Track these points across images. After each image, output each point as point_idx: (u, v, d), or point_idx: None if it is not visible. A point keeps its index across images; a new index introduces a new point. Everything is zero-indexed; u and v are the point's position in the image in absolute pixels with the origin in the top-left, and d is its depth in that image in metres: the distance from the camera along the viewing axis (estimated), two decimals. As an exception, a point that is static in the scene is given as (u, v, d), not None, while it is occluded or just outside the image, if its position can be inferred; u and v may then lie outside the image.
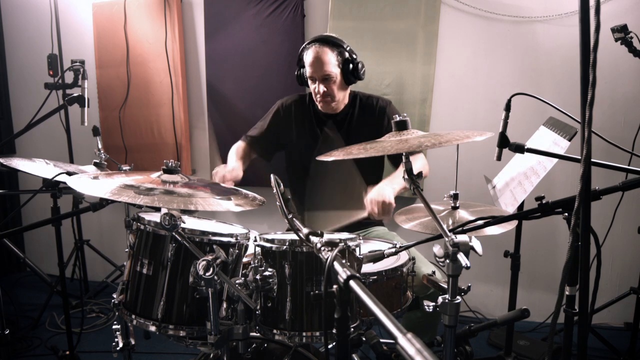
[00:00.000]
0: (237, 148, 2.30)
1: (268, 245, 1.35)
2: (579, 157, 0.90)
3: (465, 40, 2.81)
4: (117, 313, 1.46)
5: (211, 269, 1.20)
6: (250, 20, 3.01)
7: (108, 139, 3.34)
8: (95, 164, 2.19)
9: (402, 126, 1.36)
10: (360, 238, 1.41)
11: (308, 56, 2.11)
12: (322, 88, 2.10)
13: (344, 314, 0.95)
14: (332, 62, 2.08)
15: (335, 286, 0.93)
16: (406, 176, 1.31)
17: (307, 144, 2.25)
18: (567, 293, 1.36)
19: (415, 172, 1.26)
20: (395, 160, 2.32)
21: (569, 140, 1.69)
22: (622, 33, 2.13)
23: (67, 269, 2.88)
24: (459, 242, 1.07)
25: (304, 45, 2.17)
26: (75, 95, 2.20)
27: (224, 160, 2.26)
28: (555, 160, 1.72)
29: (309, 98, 2.31)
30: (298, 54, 2.19)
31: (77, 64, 2.30)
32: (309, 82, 2.17)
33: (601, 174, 1.37)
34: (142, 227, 1.40)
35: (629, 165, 1.51)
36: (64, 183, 1.84)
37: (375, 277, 1.45)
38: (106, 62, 3.33)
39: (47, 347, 2.63)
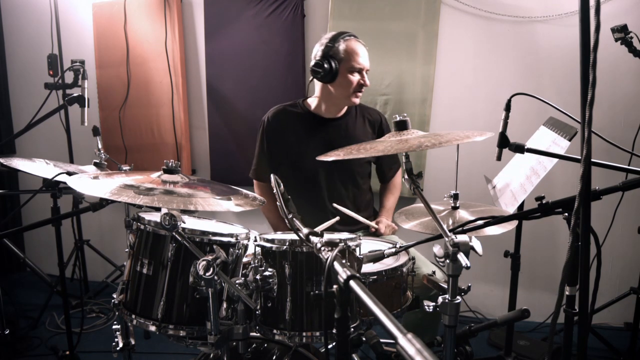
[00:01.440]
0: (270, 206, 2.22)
1: (268, 245, 1.35)
2: (579, 157, 0.90)
3: (465, 40, 2.81)
4: (117, 313, 1.46)
5: (211, 269, 1.20)
6: (250, 20, 3.01)
7: (108, 139, 3.34)
8: (95, 164, 2.19)
9: (402, 126, 1.36)
10: (360, 238, 1.41)
11: (354, 48, 2.07)
12: (367, 79, 2.12)
13: (344, 314, 0.95)
14: None
15: (335, 286, 0.93)
16: (406, 176, 1.31)
17: (313, 149, 2.11)
18: (567, 293, 1.36)
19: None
20: (382, 175, 2.43)
21: (569, 140, 1.69)
22: (622, 33, 2.13)
23: (67, 269, 2.88)
24: (459, 242, 1.07)
25: (335, 37, 2.07)
26: (75, 95, 2.20)
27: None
28: (555, 160, 1.71)
29: (302, 104, 2.25)
30: (327, 46, 2.06)
31: (77, 64, 2.30)
32: (351, 73, 2.08)
33: (601, 174, 1.37)
34: (142, 227, 1.40)
35: (629, 165, 1.51)
36: (64, 183, 1.84)
37: (375, 277, 1.45)
38: (106, 62, 3.33)
39: (47, 347, 2.63)
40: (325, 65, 2.05)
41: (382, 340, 1.18)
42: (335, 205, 2.04)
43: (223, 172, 3.24)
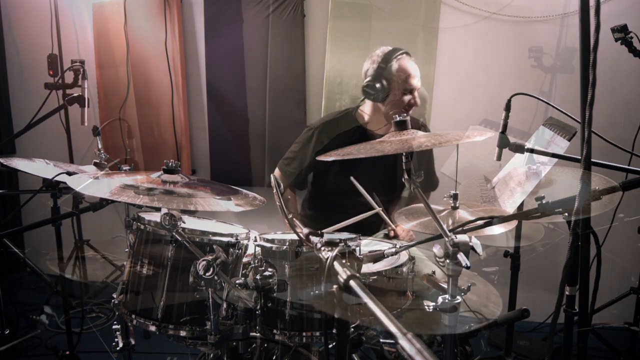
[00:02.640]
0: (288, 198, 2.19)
1: (268, 245, 1.35)
2: (579, 157, 0.90)
3: (465, 40, 2.81)
4: (117, 313, 1.46)
5: (211, 269, 1.20)
6: (250, 20, 3.01)
7: (108, 139, 3.34)
8: (95, 164, 2.19)
9: (402, 126, 1.36)
10: (360, 238, 1.41)
11: (406, 69, 2.05)
12: (418, 99, 2.11)
13: (344, 314, 0.95)
14: None
15: (335, 286, 0.93)
16: (406, 176, 1.31)
17: (362, 166, 1.92)
18: (567, 293, 1.36)
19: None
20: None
21: (569, 140, 1.69)
22: (622, 33, 2.13)
23: (67, 268, 2.88)
24: (459, 242, 1.07)
25: (388, 56, 2.05)
26: (75, 95, 2.20)
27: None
28: (555, 160, 1.71)
29: (354, 116, 2.22)
30: (379, 66, 2.04)
31: (77, 64, 2.30)
32: (405, 93, 2.07)
33: (601, 174, 1.37)
34: (142, 227, 1.40)
35: (629, 165, 1.51)
36: (64, 183, 1.84)
37: (375, 277, 1.45)
38: (106, 62, 3.33)
39: (47, 347, 2.63)
40: (377, 86, 2.04)
41: (382, 340, 1.18)
42: (352, 179, 1.87)
43: (223, 172, 3.24)
